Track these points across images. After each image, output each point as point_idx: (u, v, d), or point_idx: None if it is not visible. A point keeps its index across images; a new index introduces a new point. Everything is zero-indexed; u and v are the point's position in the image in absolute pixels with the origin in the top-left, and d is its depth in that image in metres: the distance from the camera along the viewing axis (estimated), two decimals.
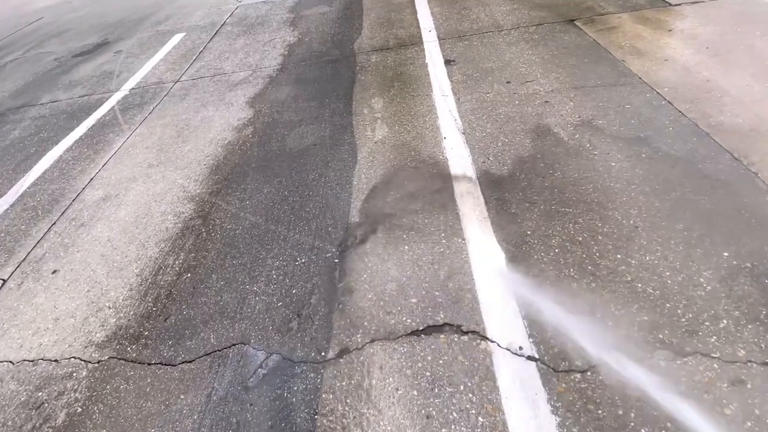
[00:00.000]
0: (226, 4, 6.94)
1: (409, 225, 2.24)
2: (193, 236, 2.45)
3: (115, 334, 1.98)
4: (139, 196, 2.87)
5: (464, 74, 3.57)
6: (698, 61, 3.15)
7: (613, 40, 3.63)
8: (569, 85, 3.14)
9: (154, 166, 3.16)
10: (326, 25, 5.26)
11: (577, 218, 2.09)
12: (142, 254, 2.41)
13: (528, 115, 2.92)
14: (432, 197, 2.39)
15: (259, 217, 2.49)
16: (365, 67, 4.05)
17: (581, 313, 1.69)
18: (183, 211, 2.66)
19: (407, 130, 3.02)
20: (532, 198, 2.25)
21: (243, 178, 2.86)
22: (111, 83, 4.82)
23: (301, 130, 3.28)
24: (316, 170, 2.80)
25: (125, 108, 4.17)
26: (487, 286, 1.85)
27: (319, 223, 2.36)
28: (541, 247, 1.98)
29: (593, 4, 4.38)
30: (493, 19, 4.52)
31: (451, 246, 2.08)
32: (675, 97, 2.80)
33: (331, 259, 2.13)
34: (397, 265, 2.03)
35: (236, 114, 3.67)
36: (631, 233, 1.97)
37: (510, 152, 2.61)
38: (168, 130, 3.61)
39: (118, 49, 5.88)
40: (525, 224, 2.11)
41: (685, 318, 1.63)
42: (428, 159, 2.70)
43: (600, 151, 2.48)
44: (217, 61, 4.82)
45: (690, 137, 2.46)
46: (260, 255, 2.24)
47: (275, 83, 4.09)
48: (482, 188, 2.38)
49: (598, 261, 1.88)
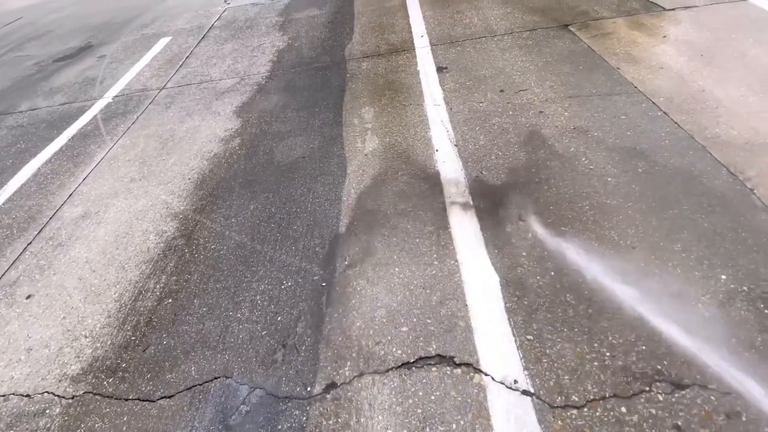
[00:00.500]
0: (215, 6, 6.80)
1: (399, 245, 2.16)
2: (176, 257, 2.36)
3: (91, 367, 1.88)
4: (120, 214, 2.76)
5: (457, 82, 3.49)
6: (693, 69, 3.11)
7: (608, 47, 3.57)
8: (564, 94, 3.08)
9: (137, 181, 3.05)
10: (317, 30, 5.15)
11: (573, 238, 2.02)
12: (122, 277, 2.30)
13: (522, 126, 2.85)
14: (424, 215, 2.31)
15: (244, 236, 2.40)
16: (356, 74, 3.96)
17: (577, 343, 1.62)
18: (165, 230, 2.56)
19: (398, 141, 2.94)
20: (527, 216, 2.18)
21: (229, 193, 2.76)
22: (94, 90, 4.68)
23: (289, 142, 3.18)
24: (305, 185, 2.71)
25: (108, 117, 4.04)
26: (480, 313, 1.78)
27: (307, 243, 2.28)
28: (536, 269, 1.91)
29: (587, 9, 4.32)
30: (486, 23, 4.44)
31: (444, 268, 2.00)
32: (670, 108, 2.75)
33: (318, 282, 2.05)
34: (387, 290, 1.95)
35: (223, 124, 3.56)
36: (628, 254, 1.91)
37: (504, 166, 2.54)
38: (152, 142, 3.49)
39: (101, 53, 5.73)
40: (520, 245, 2.04)
41: (683, 347, 1.56)
42: (420, 173, 2.62)
43: (596, 165, 2.41)
44: (204, 68, 4.70)
45: (686, 151, 2.41)
46: (245, 278, 2.15)
47: (264, 91, 3.98)
48: (475, 205, 2.31)
49: (594, 285, 1.81)
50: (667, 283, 1.77)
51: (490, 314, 1.77)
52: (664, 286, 1.76)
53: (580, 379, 1.52)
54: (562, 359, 1.58)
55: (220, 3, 6.91)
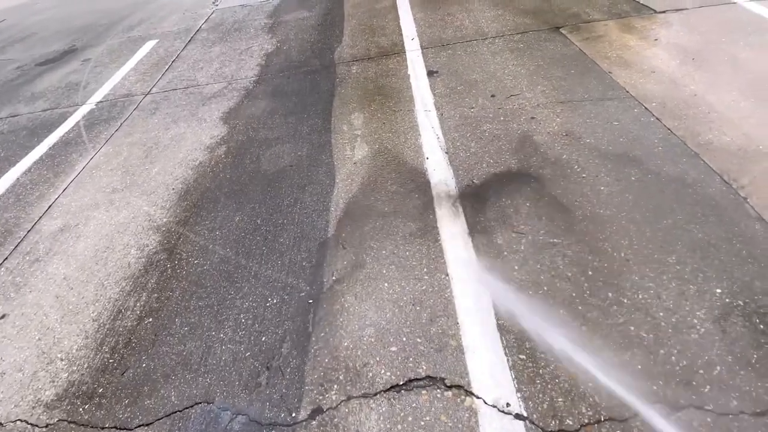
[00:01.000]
0: (202, 8, 6.69)
1: (389, 258, 2.10)
2: (157, 273, 2.27)
3: (66, 392, 1.80)
4: (101, 226, 2.67)
5: (447, 87, 3.44)
6: (684, 73, 3.08)
7: (600, 50, 3.54)
8: (555, 99, 3.04)
9: (119, 191, 2.96)
10: (306, 32, 5.07)
11: (566, 250, 1.97)
12: (101, 295, 2.22)
13: (513, 132, 2.80)
14: (414, 226, 2.25)
15: (229, 250, 2.32)
16: (345, 78, 3.89)
17: (572, 363, 1.57)
18: (147, 244, 2.47)
19: (388, 149, 2.88)
20: (519, 227, 2.13)
21: (214, 204, 2.68)
22: (77, 95, 4.56)
23: (277, 150, 3.10)
24: (292, 195, 2.64)
25: (91, 124, 3.93)
26: (472, 331, 1.72)
27: (293, 257, 2.21)
28: (529, 285, 1.86)
29: (578, 11, 4.29)
30: (477, 26, 4.39)
31: (434, 283, 1.94)
32: (663, 113, 2.71)
33: (304, 299, 1.98)
34: (375, 306, 1.89)
35: (209, 131, 3.47)
36: (622, 267, 1.86)
37: (495, 174, 2.49)
38: (135, 150, 3.40)
39: (86, 57, 5.60)
40: (512, 257, 1.99)
41: (679, 366, 1.52)
42: (410, 182, 2.56)
43: (588, 173, 2.37)
44: (191, 72, 4.60)
45: (679, 158, 2.37)
46: (228, 295, 2.08)
47: (251, 96, 3.90)
48: (467, 216, 2.25)
49: (589, 300, 1.76)
50: (662, 298, 1.72)
51: (482, 332, 1.71)
52: (659, 300, 1.72)
53: (575, 401, 1.46)
54: (555, 380, 1.53)
55: (208, 5, 6.80)
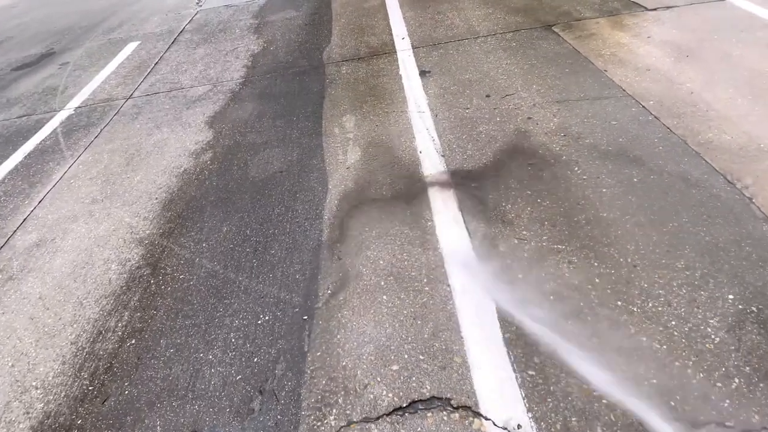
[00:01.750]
0: (186, 8, 6.50)
1: (387, 269, 2.00)
2: (140, 290, 2.14)
3: (42, 425, 1.66)
4: (79, 240, 2.52)
5: (441, 87, 3.35)
6: (680, 70, 3.04)
7: (593, 48, 3.49)
8: (551, 99, 2.97)
9: (98, 202, 2.81)
10: (293, 32, 4.94)
11: (571, 257, 1.90)
12: (79, 315, 2.07)
13: (510, 133, 2.72)
14: (412, 234, 2.16)
15: (216, 264, 2.20)
16: (335, 79, 3.77)
17: (584, 380, 1.50)
18: (129, 258, 2.33)
19: (382, 152, 2.78)
20: (522, 233, 2.05)
21: (200, 214, 2.55)
22: (54, 101, 4.37)
23: (265, 155, 2.98)
24: (282, 203, 2.52)
25: (69, 130, 3.75)
26: (477, 346, 1.64)
27: (285, 270, 2.09)
28: (535, 294, 1.78)
29: (569, 9, 4.24)
30: (468, 24, 4.32)
31: (435, 294, 1.85)
32: (661, 112, 2.66)
33: (299, 315, 1.87)
34: (374, 322, 1.79)
35: (194, 136, 3.33)
36: (630, 274, 1.79)
37: (494, 178, 2.40)
38: (116, 157, 3.24)
39: (64, 60, 5.38)
40: (516, 266, 1.91)
41: (696, 379, 1.45)
42: (406, 187, 2.46)
43: (589, 175, 2.30)
44: (174, 74, 4.44)
45: (681, 158, 2.32)
46: (217, 312, 1.95)
47: (238, 99, 3.76)
48: (466, 222, 2.16)
49: (598, 310, 1.69)
50: (672, 306, 1.66)
51: (488, 347, 1.63)
52: (670, 308, 1.65)
53: (589, 421, 1.38)
54: (568, 398, 1.45)
55: (191, 5, 6.61)
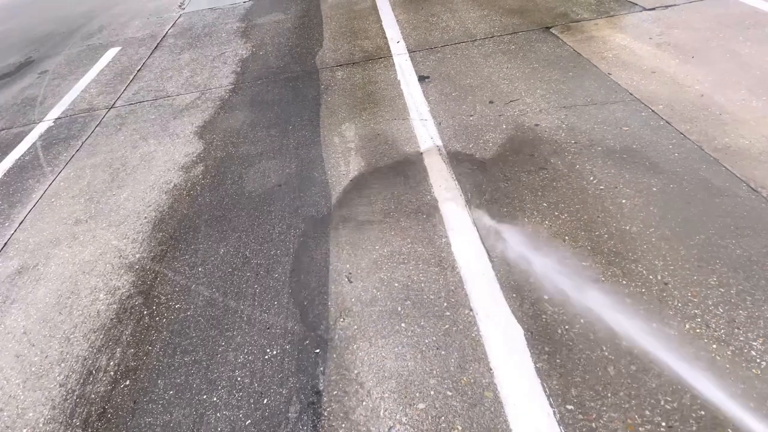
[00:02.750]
0: (168, 11, 6.26)
1: (403, 292, 1.87)
2: (133, 322, 1.96)
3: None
4: (63, 267, 2.32)
5: (442, 93, 3.23)
6: (687, 72, 2.98)
7: (595, 50, 3.41)
8: (557, 104, 2.88)
9: (82, 222, 2.61)
10: (283, 36, 4.77)
11: (598, 275, 1.79)
12: (67, 353, 1.89)
13: (519, 141, 2.62)
14: (426, 252, 2.03)
15: (215, 290, 2.03)
16: (331, 85, 3.63)
17: (626, 411, 1.39)
18: (119, 286, 2.15)
19: (387, 164, 2.65)
20: (542, 251, 1.93)
21: (194, 234, 2.38)
22: (33, 112, 4.12)
23: (261, 167, 2.82)
24: (283, 220, 2.37)
25: (48, 144, 3.52)
26: (508, 378, 1.52)
27: (292, 296, 1.94)
28: (563, 316, 1.67)
29: (566, 10, 4.17)
30: (464, 27, 4.21)
31: (458, 320, 1.72)
32: (672, 117, 2.59)
33: (310, 348, 1.72)
34: (394, 353, 1.65)
35: (183, 148, 3.15)
36: (662, 293, 1.70)
37: (508, 190, 2.29)
38: (100, 173, 3.03)
39: (43, 68, 5.11)
40: (539, 285, 1.79)
41: (748, 409, 1.36)
42: (416, 202, 2.33)
43: (606, 185, 2.21)
44: (159, 81, 4.23)
45: (699, 164, 2.24)
46: (219, 346, 1.79)
47: (228, 107, 3.58)
48: (483, 238, 2.05)
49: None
50: (711, 327, 1.56)
51: (520, 379, 1.51)
52: (709, 330, 1.56)
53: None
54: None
55: (174, 8, 6.37)
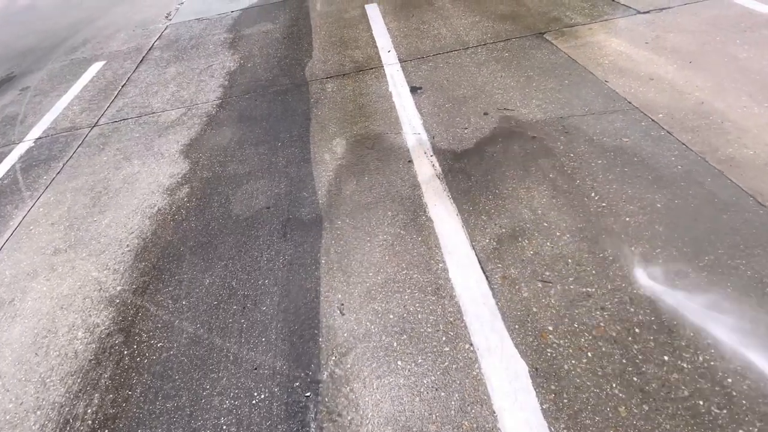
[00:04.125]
0: (154, 23, 6.14)
1: (398, 325, 1.76)
2: (112, 364, 1.84)
3: None
4: (40, 302, 2.20)
5: (435, 105, 3.14)
6: (686, 78, 2.90)
7: (590, 57, 3.33)
8: (555, 115, 2.79)
9: (61, 252, 2.48)
10: (271, 47, 4.66)
11: (603, 302, 1.70)
12: (43, 399, 1.77)
13: (516, 155, 2.52)
14: (422, 279, 1.93)
15: (199, 326, 1.92)
16: (321, 98, 3.52)
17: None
18: (98, 323, 2.03)
19: (380, 182, 2.54)
20: (545, 275, 1.84)
21: (178, 263, 2.26)
22: (13, 132, 3.98)
23: (249, 188, 2.71)
24: (272, 246, 2.26)
25: (28, 166, 3.39)
26: (513, 422, 1.41)
27: (280, 331, 1.83)
28: (569, 350, 1.57)
29: (559, 15, 4.10)
30: (455, 34, 4.12)
31: (458, 357, 1.62)
32: (673, 126, 2.51)
33: (300, 391, 1.61)
34: (390, 396, 1.54)
35: (168, 168, 3.03)
36: (672, 321, 1.60)
37: (506, 209, 2.19)
38: (81, 197, 2.91)
39: (24, 84, 4.97)
40: (543, 314, 1.69)
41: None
42: (411, 222, 2.23)
43: (609, 202, 2.11)
44: (144, 97, 4.11)
45: (703, 177, 2.15)
46: (203, 390, 1.68)
47: (215, 123, 3.47)
48: (481, 262, 1.94)
49: (643, 368, 1.49)
50: (725, 358, 1.47)
51: (526, 423, 1.40)
52: (723, 362, 1.46)
53: None
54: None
55: (160, 20, 6.25)
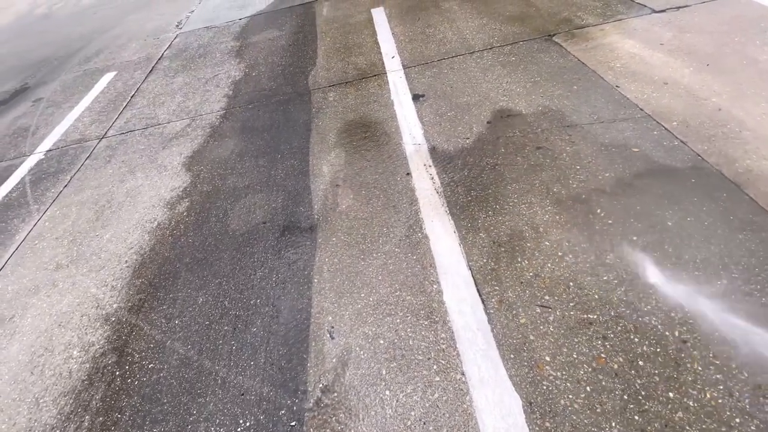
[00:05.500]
0: (165, 32, 6.22)
1: (389, 351, 1.70)
2: (104, 385, 1.84)
3: None
4: (40, 319, 2.23)
5: (437, 113, 3.06)
6: (702, 83, 2.74)
7: (601, 60, 3.19)
8: (561, 123, 2.67)
9: (63, 268, 2.51)
10: (276, 54, 4.66)
11: (606, 331, 1.60)
12: (35, 420, 1.78)
13: (519, 167, 2.42)
14: (415, 302, 1.86)
15: (190, 348, 1.90)
16: (322, 108, 3.48)
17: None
18: (93, 342, 2.04)
19: (376, 196, 2.48)
20: (544, 299, 1.75)
21: (173, 281, 2.26)
22: (25, 144, 4.09)
23: (247, 202, 2.69)
24: (266, 264, 2.23)
25: (37, 179, 3.47)
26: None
27: (269, 355, 1.80)
28: (567, 383, 1.48)
29: (570, 15, 3.95)
30: (462, 38, 4.03)
31: (449, 387, 1.55)
32: (688, 135, 2.37)
33: (285, 420, 1.57)
34: (377, 428, 1.48)
35: (169, 182, 3.04)
36: (679, 353, 1.49)
37: (507, 225, 2.11)
38: (85, 211, 2.95)
39: (38, 96, 5.11)
40: (540, 343, 1.61)
41: None
42: (405, 240, 2.17)
43: (615, 219, 2.00)
44: (151, 108, 4.15)
45: (719, 192, 2.02)
46: (190, 415, 1.66)
47: (218, 135, 3.47)
48: (477, 283, 1.87)
49: (647, 405, 1.39)
50: (734, 396, 1.35)
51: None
52: (732, 399, 1.35)
53: None
54: None
55: (171, 28, 6.34)
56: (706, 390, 1.39)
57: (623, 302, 1.67)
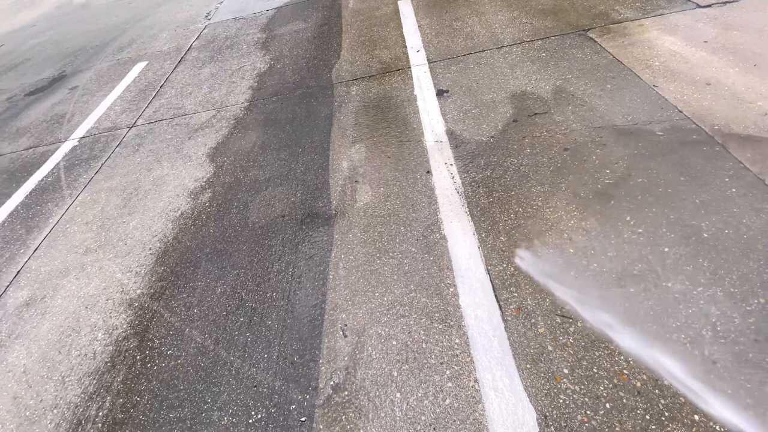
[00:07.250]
0: (194, 23, 6.33)
1: (401, 352, 1.69)
2: (125, 368, 1.91)
3: None
4: (68, 300, 2.32)
5: (460, 110, 2.98)
6: (748, 84, 2.56)
7: (638, 57, 3.03)
8: (592, 124, 2.56)
9: (92, 252, 2.61)
10: (301, 47, 4.66)
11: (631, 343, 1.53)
12: (61, 398, 1.86)
13: (546, 170, 2.34)
14: (430, 304, 1.83)
15: (207, 337, 1.94)
16: (345, 102, 3.47)
17: None
18: (117, 325, 2.11)
19: (395, 193, 2.45)
20: (564, 308, 1.68)
21: (194, 270, 2.31)
22: (60, 130, 4.26)
23: (267, 195, 2.71)
24: (283, 257, 2.24)
25: (71, 165, 3.61)
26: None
27: (282, 348, 1.81)
28: (585, 397, 1.42)
29: (607, 9, 3.77)
30: (490, 32, 3.91)
31: (461, 394, 1.52)
32: (729, 141, 2.22)
33: (296, 415, 1.58)
34: (387, 430, 1.47)
35: (193, 172, 3.10)
36: (709, 374, 1.41)
37: (529, 230, 2.04)
38: (114, 197, 3.05)
39: (74, 84, 5.31)
40: (558, 354, 1.55)
41: None
42: (423, 240, 2.13)
43: (646, 228, 1.90)
44: (179, 98, 4.24)
45: (760, 204, 1.88)
46: (205, 403, 1.69)
47: (241, 127, 3.51)
48: (496, 289, 1.82)
49: (668, 426, 1.32)
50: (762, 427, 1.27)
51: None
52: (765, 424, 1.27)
53: None
54: None
55: (200, 19, 6.44)
56: (734, 416, 1.31)
57: (650, 316, 1.59)
